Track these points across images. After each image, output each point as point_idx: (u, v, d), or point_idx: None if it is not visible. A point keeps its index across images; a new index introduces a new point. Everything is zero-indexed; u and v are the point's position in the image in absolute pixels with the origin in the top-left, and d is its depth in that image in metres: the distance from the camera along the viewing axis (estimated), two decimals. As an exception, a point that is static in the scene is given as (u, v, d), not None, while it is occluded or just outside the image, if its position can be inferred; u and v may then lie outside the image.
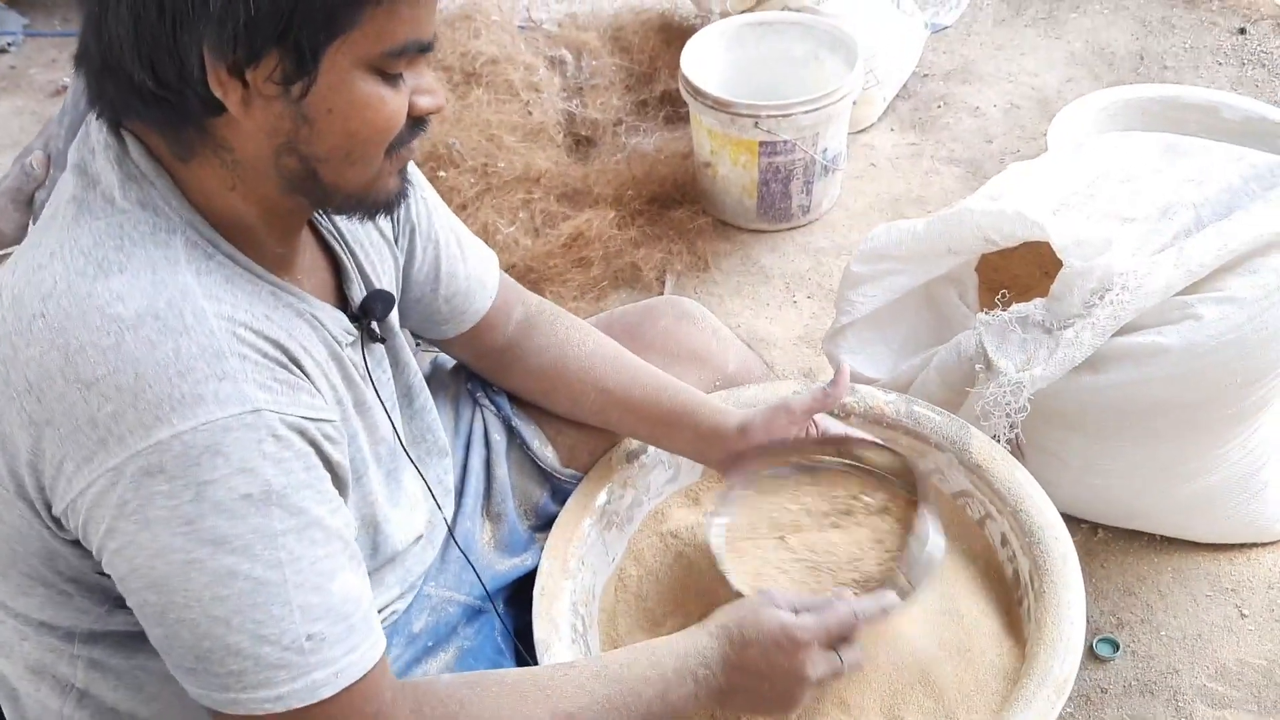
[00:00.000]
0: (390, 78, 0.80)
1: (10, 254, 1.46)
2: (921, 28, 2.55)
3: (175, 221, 0.81)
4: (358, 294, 1.00)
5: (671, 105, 2.45)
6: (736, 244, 2.20)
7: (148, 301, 0.76)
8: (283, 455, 0.78)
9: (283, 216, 0.88)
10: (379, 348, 1.03)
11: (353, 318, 0.97)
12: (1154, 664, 1.44)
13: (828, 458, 1.21)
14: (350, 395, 0.95)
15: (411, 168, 1.10)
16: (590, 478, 1.27)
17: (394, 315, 1.06)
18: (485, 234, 2.05)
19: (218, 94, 0.76)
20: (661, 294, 2.05)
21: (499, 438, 1.26)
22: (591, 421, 1.26)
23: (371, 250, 1.03)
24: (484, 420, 1.26)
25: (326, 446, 0.84)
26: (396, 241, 1.08)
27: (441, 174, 2.11)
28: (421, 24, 0.80)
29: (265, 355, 0.80)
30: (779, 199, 2.15)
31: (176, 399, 0.74)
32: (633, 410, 1.22)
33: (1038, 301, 1.37)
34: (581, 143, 2.38)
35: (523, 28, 2.62)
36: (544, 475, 1.27)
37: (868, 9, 2.40)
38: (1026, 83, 2.59)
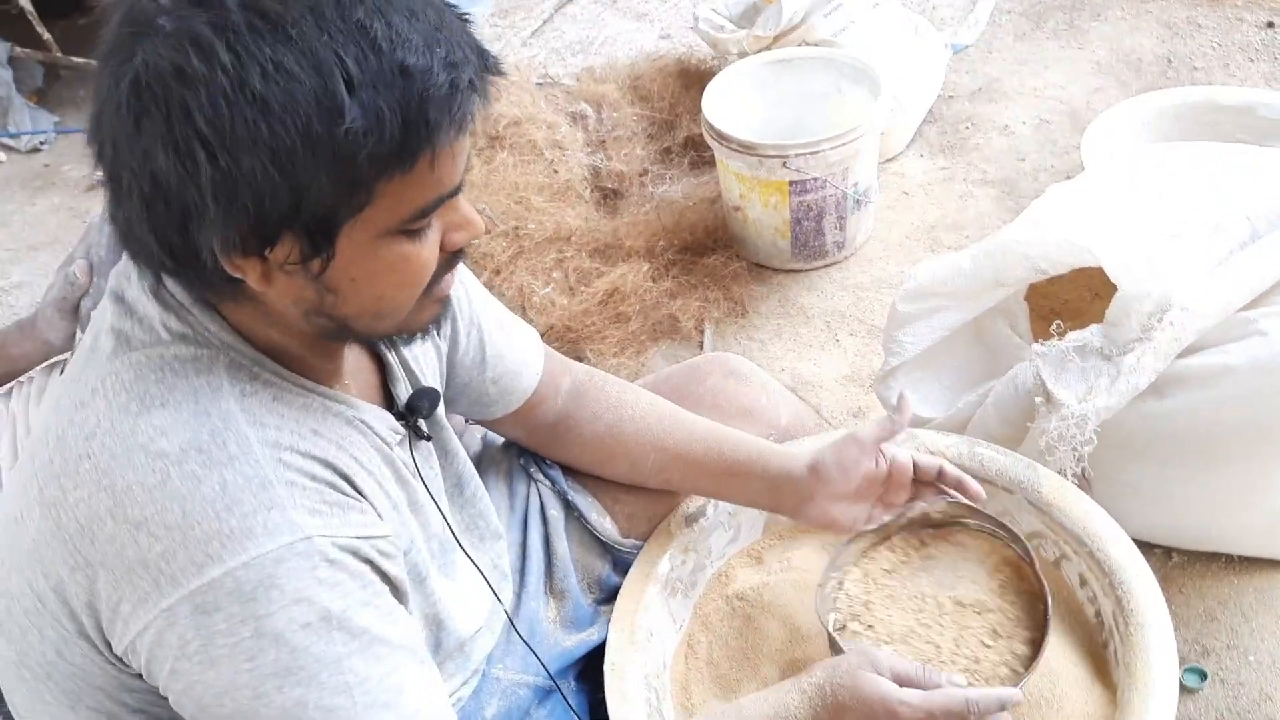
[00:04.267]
0: (415, 233, 0.77)
1: (60, 361, 1.46)
2: (942, 49, 2.52)
3: (216, 346, 0.80)
4: (403, 392, 0.99)
5: (695, 150, 2.44)
6: (773, 286, 2.18)
7: (191, 434, 0.75)
8: (338, 578, 0.77)
9: (324, 344, 0.87)
10: (426, 444, 1.02)
11: (399, 415, 0.96)
12: (1245, 691, 1.39)
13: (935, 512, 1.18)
14: (404, 495, 0.94)
15: None
16: (650, 546, 1.25)
17: (440, 409, 1.05)
18: (521, 297, 2.04)
19: (235, 275, 0.75)
20: (700, 343, 2.04)
21: (556, 513, 1.24)
22: (652, 483, 1.23)
23: (415, 345, 1.02)
24: (539, 495, 1.25)
25: (382, 563, 0.82)
26: (439, 331, 1.07)
27: (474, 241, 2.11)
28: (444, 181, 0.75)
29: (314, 478, 0.79)
30: (813, 237, 2.13)
31: (226, 534, 0.73)
32: (695, 466, 1.18)
33: (1094, 328, 1.33)
34: (609, 196, 2.37)
35: (540, 84, 2.63)
36: (604, 547, 1.25)
37: (885, 36, 2.38)
38: (1054, 96, 2.56)
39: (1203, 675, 1.40)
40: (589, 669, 1.20)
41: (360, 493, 0.84)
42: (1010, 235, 1.42)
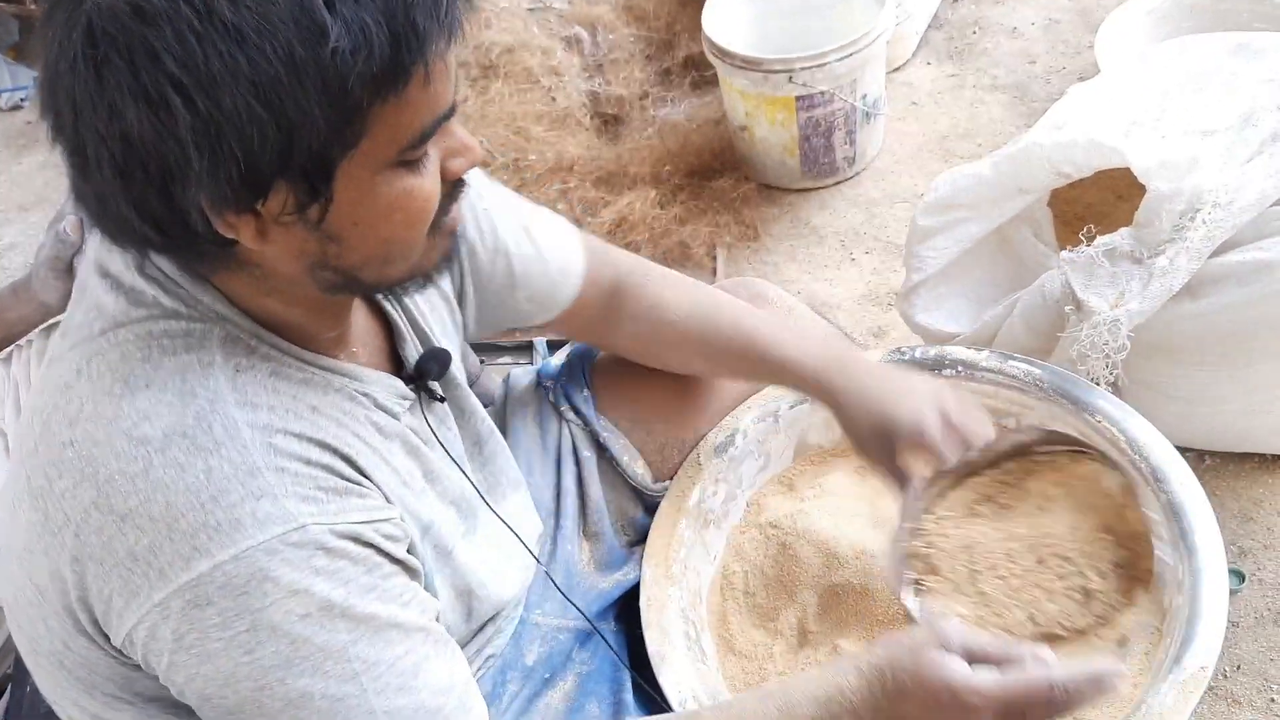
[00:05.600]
0: (414, 164, 0.71)
1: (58, 322, 1.43)
2: (943, -49, 2.45)
3: (211, 319, 0.75)
4: (412, 354, 0.94)
5: (696, 70, 2.37)
6: (784, 206, 2.13)
7: (175, 418, 0.71)
8: (337, 566, 0.73)
9: (329, 307, 0.81)
10: (440, 406, 0.97)
11: (408, 379, 0.91)
12: (1284, 591, 1.38)
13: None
14: (417, 467, 0.89)
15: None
16: (680, 478, 1.23)
17: (455, 368, 0.99)
18: (527, 230, 2.00)
19: (228, 235, 0.69)
20: (713, 270, 2.00)
21: (588, 453, 1.21)
22: (706, 377, 1.26)
23: (422, 301, 0.97)
24: (571, 435, 1.22)
25: (388, 546, 0.78)
26: (451, 270, 1.02)
27: (473, 167, 2.06)
28: (438, 99, 0.69)
29: (309, 462, 0.74)
30: (822, 154, 2.08)
31: (212, 527, 0.69)
32: (739, 373, 1.22)
33: (1124, 231, 1.29)
34: (609, 122, 2.31)
35: (532, 10, 2.55)
36: (637, 489, 1.23)
37: (885, -61, 2.30)
38: (1061, -7, 2.48)
39: (1240, 577, 1.39)
40: (628, 609, 1.18)
41: (363, 473, 0.79)
42: (1032, 139, 1.37)
